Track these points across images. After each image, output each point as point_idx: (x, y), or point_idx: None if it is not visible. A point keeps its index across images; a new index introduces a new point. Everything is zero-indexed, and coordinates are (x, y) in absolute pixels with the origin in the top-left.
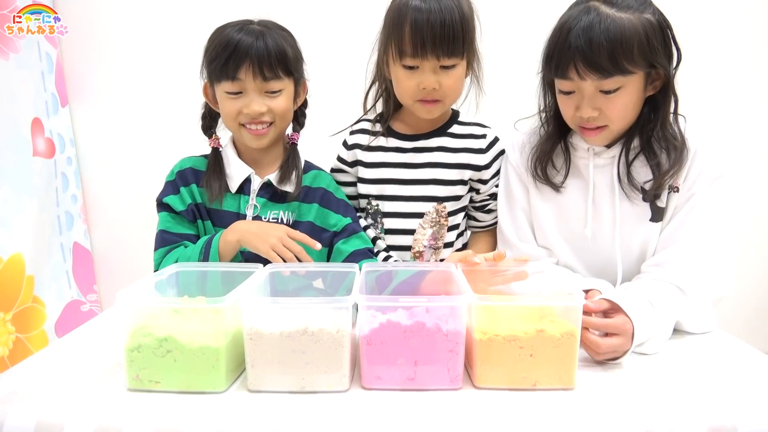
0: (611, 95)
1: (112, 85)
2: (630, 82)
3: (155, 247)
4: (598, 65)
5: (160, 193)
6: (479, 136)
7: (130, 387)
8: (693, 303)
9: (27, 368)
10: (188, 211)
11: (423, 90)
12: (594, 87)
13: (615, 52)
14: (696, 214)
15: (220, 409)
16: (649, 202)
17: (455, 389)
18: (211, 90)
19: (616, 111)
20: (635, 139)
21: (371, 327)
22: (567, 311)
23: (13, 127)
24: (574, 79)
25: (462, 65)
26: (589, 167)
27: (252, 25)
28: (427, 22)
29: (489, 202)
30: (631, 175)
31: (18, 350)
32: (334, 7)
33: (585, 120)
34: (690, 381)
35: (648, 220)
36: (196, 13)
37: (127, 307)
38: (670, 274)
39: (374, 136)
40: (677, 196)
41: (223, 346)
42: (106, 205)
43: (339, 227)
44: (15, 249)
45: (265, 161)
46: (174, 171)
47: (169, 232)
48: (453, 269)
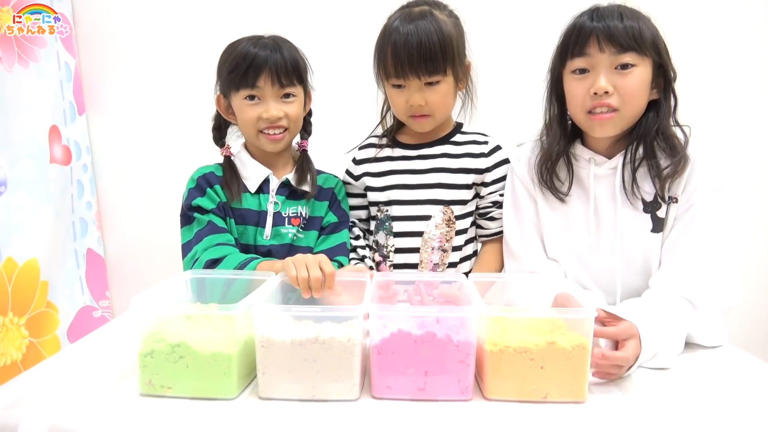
0: (626, 71)
1: (129, 94)
2: (643, 65)
3: (184, 255)
4: (617, 37)
5: (187, 200)
6: (481, 142)
7: (142, 392)
8: (703, 315)
9: (40, 373)
10: (219, 208)
11: (411, 107)
12: (613, 61)
13: (634, 28)
14: (697, 224)
15: (231, 416)
16: (649, 213)
17: (465, 400)
18: (225, 101)
19: (630, 88)
20: (639, 147)
21: (382, 336)
22: (578, 324)
23: (32, 135)
24: (592, 54)
25: (447, 81)
26: (590, 177)
27: (265, 39)
28: (404, 44)
29: (491, 209)
30: (635, 185)
31: (31, 355)
32: (347, 23)
33: (599, 98)
34: (700, 396)
35: (649, 231)
36: (210, 25)
37: (141, 313)
38: (678, 287)
39: (380, 149)
40: (676, 206)
41: (235, 352)
42: (120, 212)
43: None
44: (30, 254)
45: (279, 164)
46: (194, 178)
47: (205, 229)
48: (464, 280)
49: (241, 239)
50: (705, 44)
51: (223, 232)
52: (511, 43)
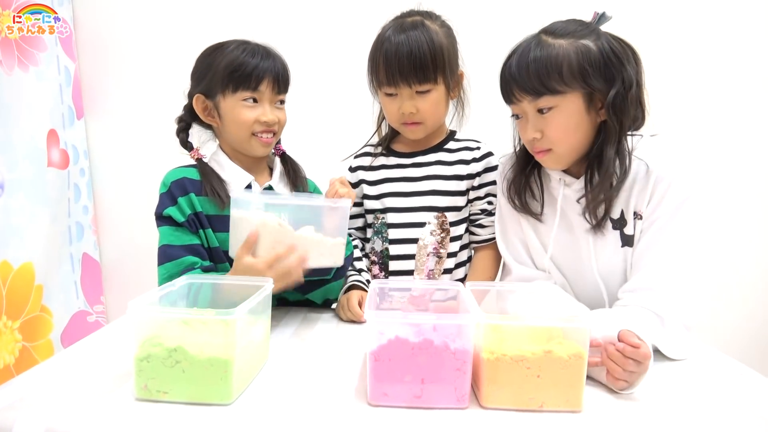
0: (546, 115)
1: (128, 99)
2: (564, 103)
3: (159, 262)
4: (527, 85)
5: (158, 207)
6: (473, 148)
7: (138, 397)
8: (669, 329)
9: (35, 376)
10: (189, 221)
11: (403, 114)
12: (532, 108)
13: (540, 73)
14: (662, 238)
15: (227, 422)
16: (618, 230)
17: (462, 408)
18: (209, 102)
19: (554, 131)
20: (595, 171)
21: (379, 343)
22: (574, 333)
23: (30, 138)
24: (514, 102)
25: (438, 89)
26: (559, 198)
27: (258, 45)
28: (395, 53)
29: (480, 217)
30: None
31: (24, 359)
32: (342, 33)
33: (531, 142)
34: (696, 405)
35: (620, 247)
36: (210, 33)
37: (138, 317)
38: (645, 301)
39: (375, 157)
40: (641, 222)
41: (232, 358)
42: (117, 217)
43: None
44: (26, 258)
45: (258, 170)
46: (167, 182)
47: (173, 246)
48: (461, 288)
49: (224, 247)
50: (676, 54)
51: (178, 256)
52: (506, 52)
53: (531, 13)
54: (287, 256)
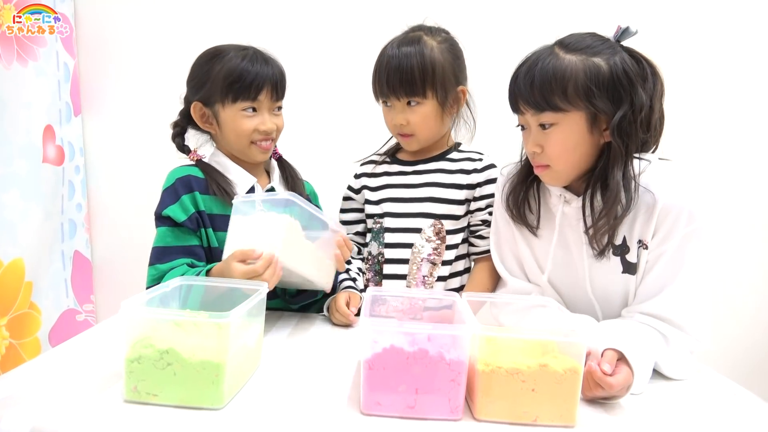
0: (548, 130)
1: (126, 97)
2: (566, 121)
3: (150, 263)
4: (530, 99)
5: (159, 206)
6: (476, 159)
7: (127, 398)
8: (673, 349)
9: (22, 374)
10: (191, 219)
11: (395, 125)
12: (534, 121)
13: (545, 88)
14: (672, 269)
15: (217, 426)
16: (618, 256)
17: (455, 420)
18: (207, 110)
19: (553, 148)
20: (596, 193)
21: (374, 351)
22: (570, 347)
23: (26, 134)
24: (519, 112)
25: (428, 104)
26: (558, 215)
27: (257, 51)
28: (386, 66)
29: (481, 227)
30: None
31: (10, 356)
32: (352, 44)
33: (531, 155)
34: (691, 425)
35: (620, 272)
36: (210, 34)
37: (130, 317)
38: (650, 321)
39: (379, 165)
40: (646, 252)
41: (225, 362)
42: (110, 215)
43: None
44: (16, 254)
45: (257, 173)
46: (172, 178)
47: (167, 247)
48: (457, 298)
49: (222, 246)
50: (686, 70)
51: (171, 258)
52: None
53: (549, 24)
54: (263, 272)
